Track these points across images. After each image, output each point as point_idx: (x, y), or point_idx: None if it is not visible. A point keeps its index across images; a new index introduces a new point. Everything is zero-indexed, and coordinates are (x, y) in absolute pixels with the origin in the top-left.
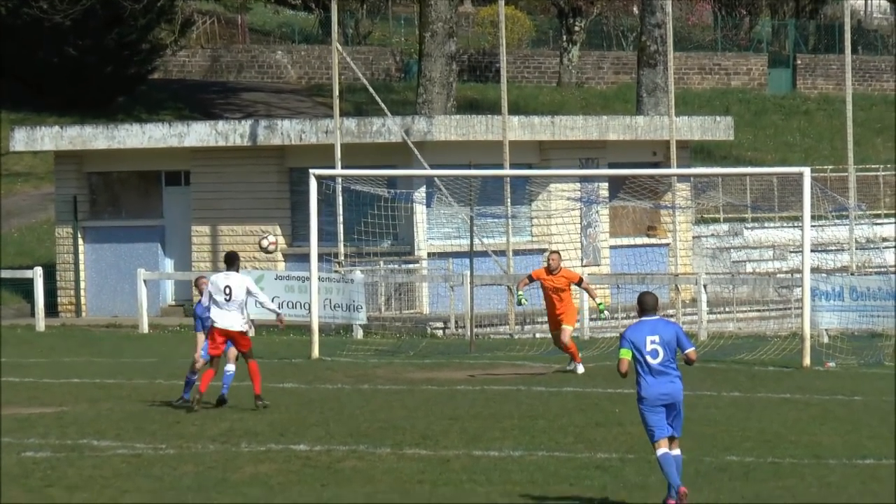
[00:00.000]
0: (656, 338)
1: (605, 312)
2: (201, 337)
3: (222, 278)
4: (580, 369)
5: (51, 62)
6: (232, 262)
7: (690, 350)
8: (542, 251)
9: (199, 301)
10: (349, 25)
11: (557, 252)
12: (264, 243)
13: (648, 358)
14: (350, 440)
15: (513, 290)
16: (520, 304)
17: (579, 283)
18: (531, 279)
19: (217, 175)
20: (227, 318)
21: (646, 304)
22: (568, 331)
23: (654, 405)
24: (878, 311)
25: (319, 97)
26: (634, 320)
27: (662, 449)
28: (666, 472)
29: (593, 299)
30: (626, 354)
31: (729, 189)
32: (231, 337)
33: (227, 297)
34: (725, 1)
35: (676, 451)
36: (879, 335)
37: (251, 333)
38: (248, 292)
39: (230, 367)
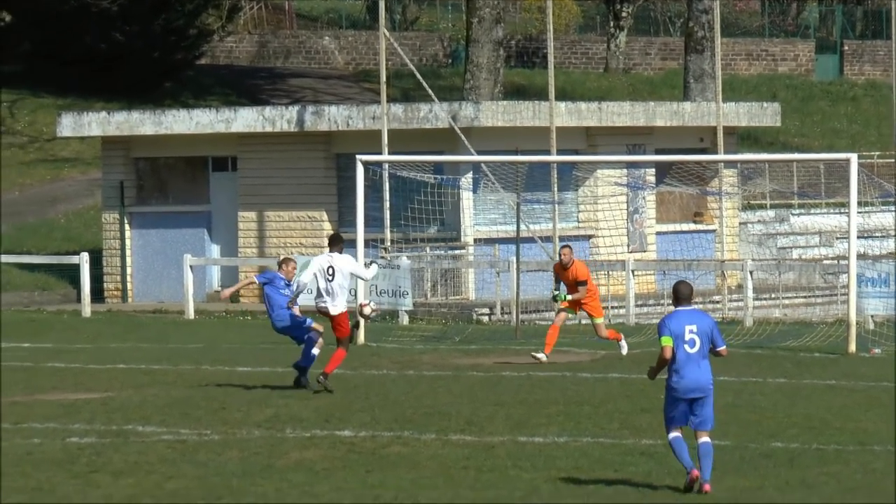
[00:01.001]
0: (694, 327)
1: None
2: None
3: (325, 259)
4: (624, 349)
5: (98, 48)
6: (335, 242)
7: (723, 348)
8: (589, 237)
9: (266, 272)
10: (396, 11)
11: (568, 246)
12: (366, 311)
13: (686, 347)
14: (395, 426)
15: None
16: (555, 300)
17: (581, 283)
18: (557, 277)
19: (264, 161)
20: (326, 300)
21: (681, 294)
22: (601, 325)
23: (685, 397)
24: None
25: (366, 83)
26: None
27: (675, 433)
28: (678, 456)
29: (567, 296)
30: (667, 342)
31: (775, 175)
32: (330, 319)
33: (331, 278)
34: None
35: (705, 439)
36: None
37: (372, 314)
38: (352, 273)
39: (316, 351)
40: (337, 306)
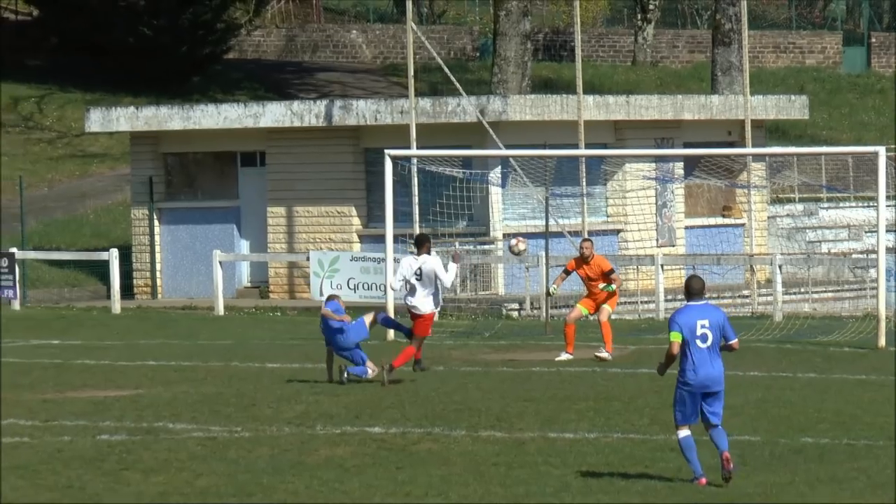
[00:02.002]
0: (706, 322)
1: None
2: None
3: (413, 261)
4: (602, 353)
5: (126, 42)
6: (420, 244)
7: (734, 341)
8: (618, 232)
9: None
10: (424, 4)
11: (590, 240)
12: (514, 245)
13: (699, 342)
14: (425, 422)
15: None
16: (549, 294)
17: (610, 272)
18: (567, 273)
19: (292, 156)
20: (417, 302)
21: (693, 289)
22: (607, 311)
23: (697, 391)
24: None
25: (394, 77)
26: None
27: (685, 432)
28: (687, 457)
29: (609, 286)
30: (676, 337)
31: (804, 168)
32: (414, 318)
33: (418, 277)
34: None
35: (719, 429)
36: None
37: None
38: (436, 276)
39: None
40: (425, 306)
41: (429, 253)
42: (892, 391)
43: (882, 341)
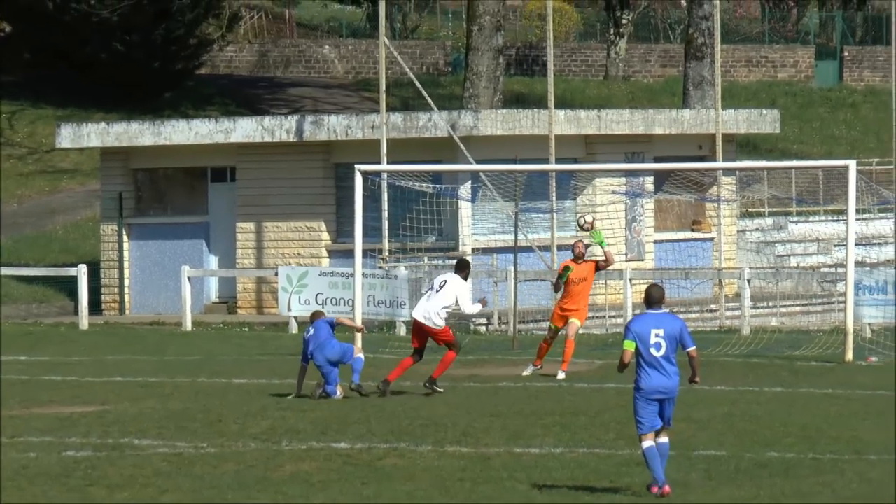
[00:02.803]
0: (661, 331)
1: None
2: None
3: (444, 276)
4: (561, 375)
5: (98, 57)
6: (461, 268)
7: (692, 349)
8: (587, 246)
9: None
10: (397, 19)
11: (581, 240)
12: (584, 221)
13: (652, 350)
14: (391, 438)
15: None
16: (561, 279)
17: (604, 261)
18: (563, 271)
19: (263, 171)
20: (421, 309)
21: (652, 297)
22: (576, 325)
23: (651, 398)
24: None
25: (366, 92)
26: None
27: (648, 442)
28: (650, 466)
29: (607, 259)
30: (629, 346)
31: (774, 182)
32: (417, 327)
33: (438, 290)
34: None
35: (664, 439)
36: None
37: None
38: (457, 300)
39: (360, 355)
40: (426, 318)
41: (464, 279)
42: (859, 405)
43: (849, 355)
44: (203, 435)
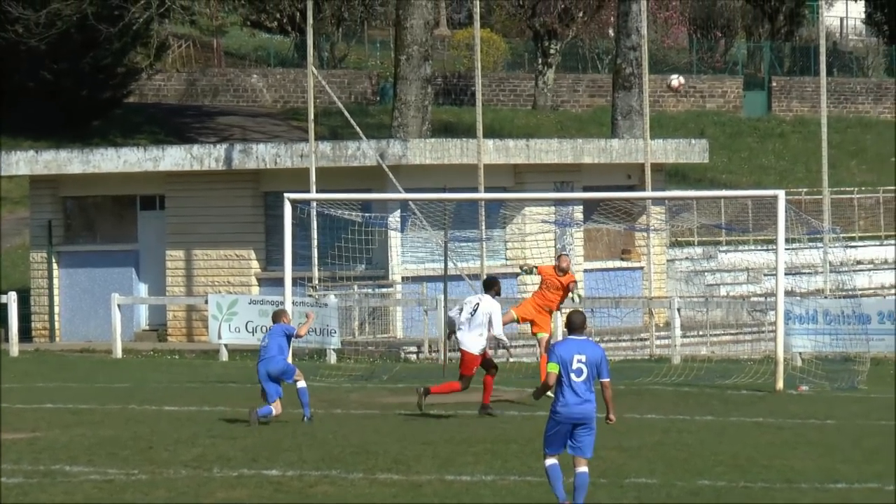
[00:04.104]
0: (583, 357)
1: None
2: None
3: (475, 298)
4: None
5: (26, 85)
6: (489, 286)
7: (607, 380)
8: (516, 275)
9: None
10: (325, 48)
11: (567, 253)
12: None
13: (573, 375)
14: (322, 465)
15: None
16: (526, 272)
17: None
18: (532, 272)
19: (192, 199)
20: (465, 339)
21: (574, 323)
22: (545, 339)
23: (566, 421)
24: (851, 335)
25: (295, 121)
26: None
27: (552, 460)
28: (552, 484)
29: (572, 293)
30: (553, 368)
31: (703, 212)
32: (462, 354)
33: (470, 315)
34: (701, 23)
35: (583, 469)
36: (852, 359)
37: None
38: (490, 320)
39: (302, 384)
40: (473, 346)
41: (494, 295)
42: (789, 434)
43: (780, 384)
44: (134, 462)
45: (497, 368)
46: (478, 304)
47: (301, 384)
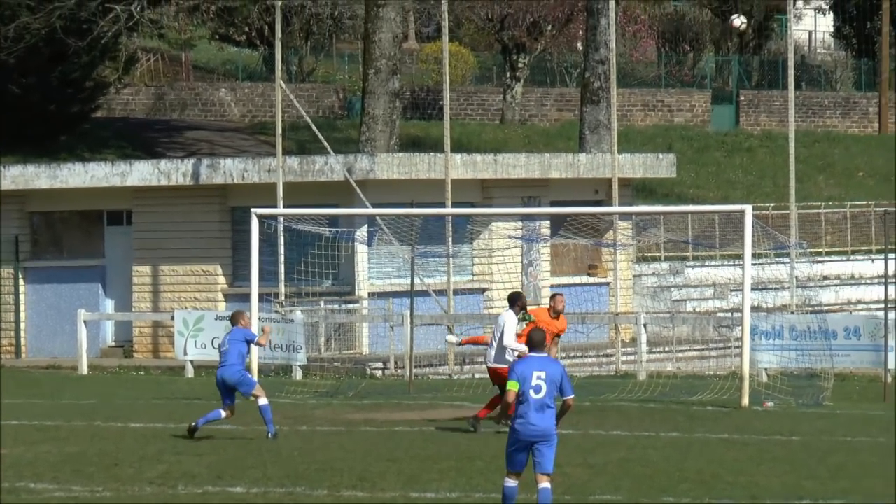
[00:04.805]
0: (543, 374)
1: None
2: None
3: (502, 314)
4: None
5: None
6: (512, 302)
7: (570, 397)
8: (483, 290)
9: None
10: (293, 62)
11: (562, 294)
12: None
13: (532, 392)
14: (287, 482)
15: (452, 330)
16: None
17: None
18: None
19: (159, 214)
20: (490, 354)
21: (534, 340)
22: None
23: (524, 438)
24: (817, 351)
25: (262, 135)
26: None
27: (512, 482)
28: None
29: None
30: (514, 386)
31: (671, 227)
32: (491, 372)
33: (500, 332)
34: (669, 37)
35: (545, 485)
36: (818, 375)
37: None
38: (503, 330)
39: (263, 401)
40: (494, 362)
41: (519, 310)
42: (755, 450)
43: (745, 400)
44: (99, 479)
45: None
46: (505, 321)
47: (262, 401)
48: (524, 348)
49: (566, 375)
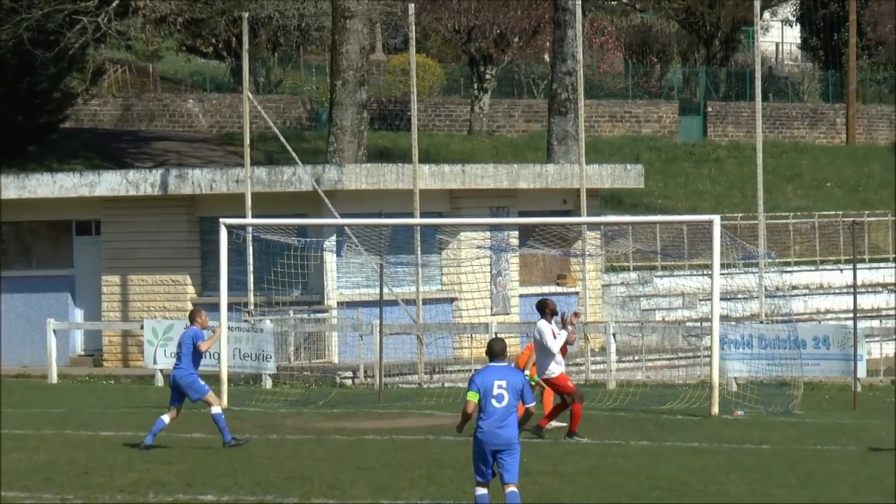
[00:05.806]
0: (504, 383)
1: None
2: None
3: (537, 324)
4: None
5: None
6: (540, 309)
7: (531, 405)
8: (452, 300)
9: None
10: (260, 73)
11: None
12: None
13: (494, 402)
14: (258, 490)
15: (422, 340)
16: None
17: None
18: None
19: (127, 224)
20: (539, 363)
21: (494, 350)
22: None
23: (489, 448)
24: (787, 360)
25: (230, 146)
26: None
27: (483, 490)
28: None
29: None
30: (473, 397)
31: (639, 237)
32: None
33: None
34: (636, 48)
35: (512, 489)
36: (787, 384)
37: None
38: (544, 341)
39: (216, 409)
40: (553, 370)
41: (548, 318)
42: (724, 459)
43: (715, 409)
44: (69, 487)
45: (580, 396)
46: (540, 330)
47: (215, 409)
48: (563, 337)
49: (527, 383)
